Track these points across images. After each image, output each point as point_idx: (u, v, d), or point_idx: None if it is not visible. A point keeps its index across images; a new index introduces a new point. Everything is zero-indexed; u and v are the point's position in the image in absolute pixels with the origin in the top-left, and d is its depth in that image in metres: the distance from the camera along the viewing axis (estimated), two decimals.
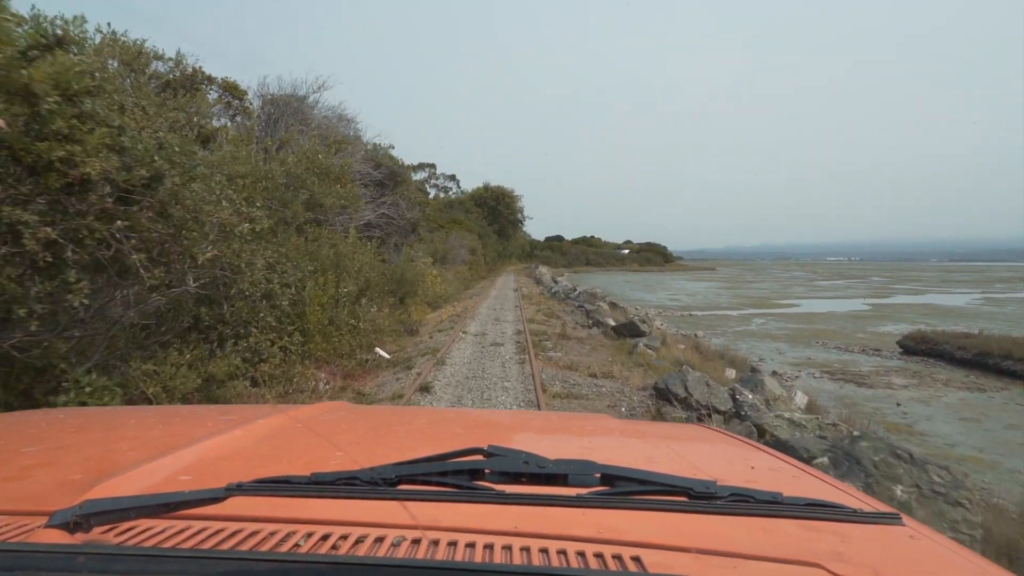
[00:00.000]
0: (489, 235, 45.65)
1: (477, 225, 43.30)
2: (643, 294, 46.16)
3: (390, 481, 0.71)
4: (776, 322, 26.46)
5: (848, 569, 0.66)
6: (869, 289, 51.95)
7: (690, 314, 30.73)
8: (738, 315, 30.26)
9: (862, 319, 27.72)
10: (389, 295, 12.45)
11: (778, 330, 23.48)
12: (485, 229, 44.76)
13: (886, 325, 24.98)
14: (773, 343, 19.92)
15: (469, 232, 39.33)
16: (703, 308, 34.02)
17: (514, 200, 51.54)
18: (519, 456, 0.75)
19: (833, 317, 28.57)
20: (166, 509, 0.64)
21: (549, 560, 0.66)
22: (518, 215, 53.17)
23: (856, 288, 53.72)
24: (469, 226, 42.15)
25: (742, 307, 34.80)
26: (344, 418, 1.46)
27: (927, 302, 37.93)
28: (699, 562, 0.67)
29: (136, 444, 1.11)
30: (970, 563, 0.76)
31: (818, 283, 63.09)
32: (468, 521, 0.73)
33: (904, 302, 38.13)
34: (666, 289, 52.91)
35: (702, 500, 0.71)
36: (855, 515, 0.74)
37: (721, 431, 1.60)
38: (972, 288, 53.05)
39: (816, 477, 1.10)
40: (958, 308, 33.72)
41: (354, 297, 9.07)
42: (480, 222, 44.80)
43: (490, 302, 20.26)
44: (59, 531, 0.59)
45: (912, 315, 29.35)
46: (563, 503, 0.69)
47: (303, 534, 0.70)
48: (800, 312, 31.51)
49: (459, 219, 43.08)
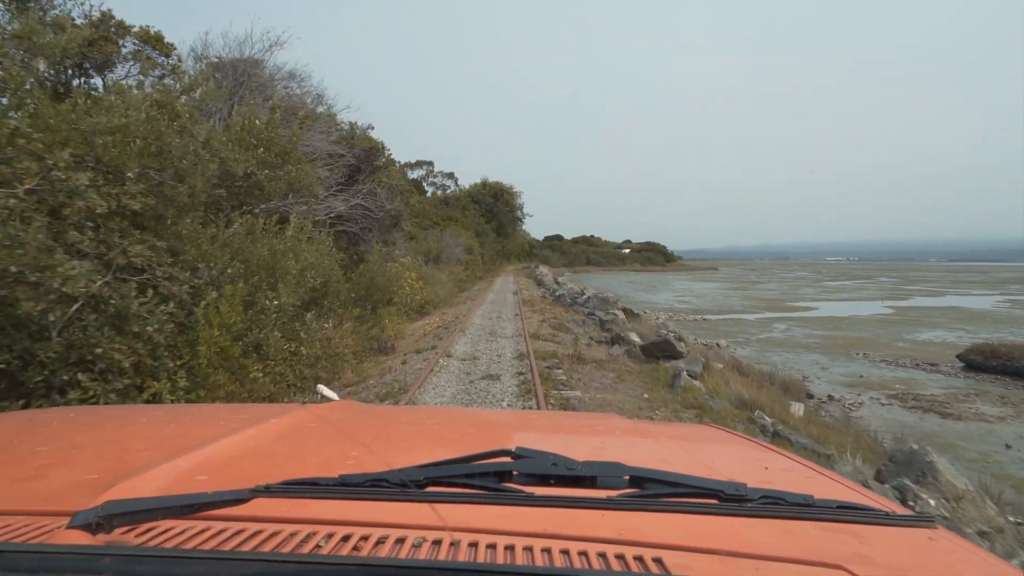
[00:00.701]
0: (487, 233, 43.09)
1: (474, 223, 40.77)
2: (649, 295, 43.69)
3: (419, 483, 0.71)
4: (800, 328, 23.98)
5: (870, 571, 0.65)
6: (882, 290, 49.56)
7: (704, 318, 28.26)
8: (755, 319, 27.81)
9: (892, 325, 25.25)
10: (356, 305, 9.92)
11: (806, 338, 21.01)
12: (483, 227, 42.21)
13: (922, 332, 22.53)
14: (807, 354, 17.44)
15: (465, 230, 36.80)
16: (716, 311, 31.54)
17: (513, 197, 48.88)
18: (548, 458, 0.74)
19: (859, 322, 26.12)
20: (190, 510, 0.63)
21: (571, 562, 0.65)
22: (517, 212, 50.44)
23: (867, 289, 51.31)
24: (466, 223, 39.62)
25: (756, 310, 32.33)
26: (355, 417, 1.45)
27: (950, 305, 35.52)
28: (721, 564, 0.66)
29: (150, 444, 1.11)
30: (997, 569, 0.74)
31: (826, 284, 60.67)
32: (495, 523, 0.72)
33: (926, 305, 35.72)
34: (671, 290, 50.44)
35: (733, 503, 0.70)
36: (887, 518, 0.74)
37: (732, 431, 1.50)
38: (987, 289, 50.81)
39: (830, 478, 1.07)
40: (986, 312, 31.31)
41: (295, 311, 6.53)
42: (477, 220, 42.24)
43: (486, 308, 17.69)
44: (81, 532, 0.59)
45: (943, 319, 26.94)
46: (591, 505, 0.69)
47: (324, 535, 0.69)
48: (821, 316, 29.05)
49: (455, 216, 40.55)
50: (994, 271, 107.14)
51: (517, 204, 49.61)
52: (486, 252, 41.77)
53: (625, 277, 71.62)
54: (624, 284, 57.41)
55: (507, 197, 48.06)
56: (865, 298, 41.47)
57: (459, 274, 28.31)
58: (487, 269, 42.64)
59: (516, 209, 49.83)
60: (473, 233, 38.46)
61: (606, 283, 56.67)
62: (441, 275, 25.62)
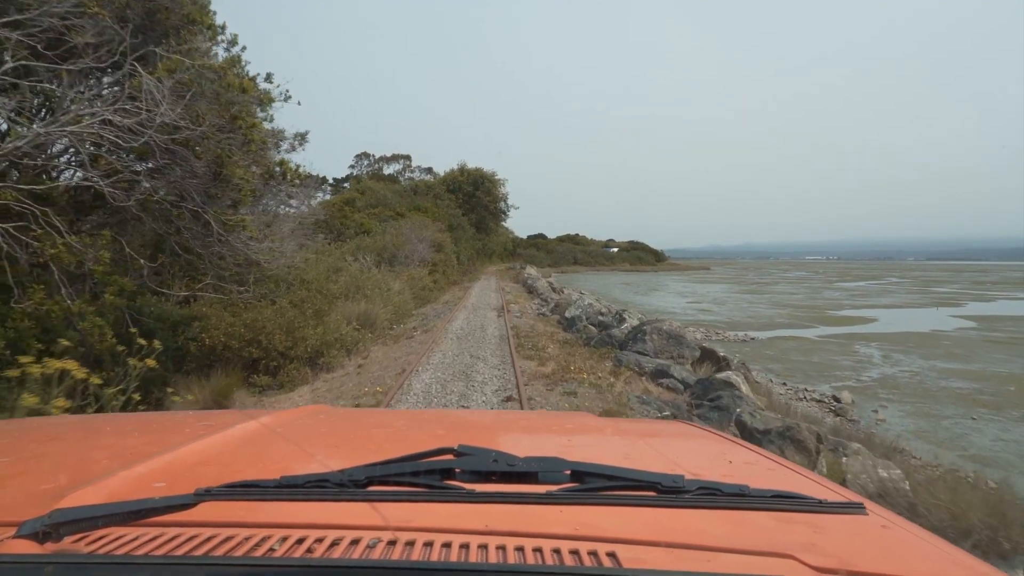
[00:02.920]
0: (464, 228, 35.01)
1: (448, 215, 32.70)
2: (653, 300, 36.15)
3: (360, 483, 0.70)
4: (905, 355, 16.56)
5: (819, 559, 0.65)
6: (919, 295, 42.91)
7: (748, 336, 20.79)
8: (818, 338, 20.41)
9: (1015, 346, 18.06)
10: None
11: (942, 378, 13.57)
12: (459, 220, 34.13)
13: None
14: (993, 419, 9.96)
15: (435, 222, 28.78)
16: (754, 325, 24.07)
17: (496, 185, 40.66)
18: (489, 455, 0.74)
19: (968, 344, 18.86)
20: (136, 516, 0.62)
21: (525, 558, 0.64)
22: (501, 204, 42.14)
23: (896, 293, 44.58)
24: (437, 214, 31.57)
25: (804, 323, 24.96)
26: (324, 422, 1.41)
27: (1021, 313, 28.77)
28: (673, 556, 0.65)
29: (111, 452, 1.08)
30: (939, 550, 0.76)
31: (843, 286, 53.99)
32: (440, 521, 0.70)
33: (995, 313, 28.91)
34: (676, 293, 43.03)
35: (670, 494, 0.71)
36: (820, 505, 0.75)
37: (705, 428, 1.50)
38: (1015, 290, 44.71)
39: (791, 469, 1.08)
40: None
41: None
42: (453, 211, 34.19)
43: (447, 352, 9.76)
44: (28, 541, 0.57)
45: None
46: (534, 501, 0.69)
47: (277, 538, 0.66)
48: (896, 332, 21.76)
49: (424, 206, 32.47)
50: (969, 269, 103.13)
51: (501, 194, 41.35)
52: (463, 250, 33.77)
53: (618, 278, 64.25)
54: (619, 286, 50.03)
55: (489, 185, 39.82)
56: (911, 304, 34.53)
57: (422, 280, 20.29)
58: (464, 271, 34.66)
59: (499, 200, 41.50)
60: (446, 227, 30.47)
61: (599, 285, 49.25)
62: (395, 281, 17.61)
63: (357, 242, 21.98)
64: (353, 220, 26.78)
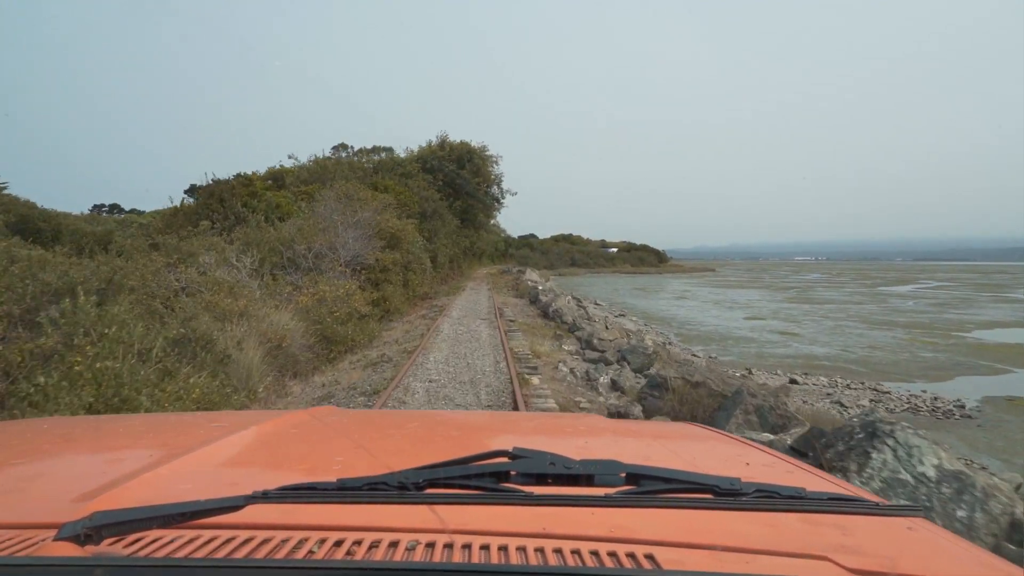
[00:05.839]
0: (444, 217, 25.00)
1: (420, 197, 22.66)
2: (694, 314, 26.55)
3: (418, 485, 0.68)
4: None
5: (855, 560, 0.65)
6: (985, 305, 33.92)
7: (933, 398, 11.37)
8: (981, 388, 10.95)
9: None
10: None
11: None
12: (437, 205, 24.10)
13: None
14: None
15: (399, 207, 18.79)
16: (902, 369, 14.58)
17: (487, 162, 30.56)
18: (545, 457, 0.73)
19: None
20: (182, 518, 0.59)
21: (564, 560, 0.63)
22: (493, 188, 31.87)
23: (981, 303, 35.55)
24: (406, 197, 21.56)
25: (981, 363, 15.56)
26: (337, 422, 1.37)
27: None
28: (712, 558, 0.65)
29: (129, 453, 1.06)
30: (971, 554, 0.73)
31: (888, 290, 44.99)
32: (494, 523, 0.70)
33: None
34: (711, 302, 33.48)
35: (728, 497, 0.69)
36: (876, 508, 0.73)
37: (711, 429, 1.46)
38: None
39: (811, 472, 1.05)
40: None
41: None
42: (428, 194, 24.15)
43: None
44: (69, 544, 0.55)
45: None
46: (590, 503, 0.68)
47: (316, 540, 0.65)
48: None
49: (388, 185, 22.41)
50: (963, 269, 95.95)
51: (493, 175, 31.16)
52: (442, 248, 23.77)
53: (624, 282, 54.70)
54: (629, 292, 40.52)
55: (478, 162, 29.75)
56: (995, 322, 25.36)
57: (347, 300, 10.34)
58: (444, 278, 24.66)
59: (492, 183, 31.27)
60: (416, 213, 20.45)
61: (604, 290, 39.60)
62: (278, 310, 7.66)
63: (246, 234, 12.03)
64: (264, 200, 16.68)
